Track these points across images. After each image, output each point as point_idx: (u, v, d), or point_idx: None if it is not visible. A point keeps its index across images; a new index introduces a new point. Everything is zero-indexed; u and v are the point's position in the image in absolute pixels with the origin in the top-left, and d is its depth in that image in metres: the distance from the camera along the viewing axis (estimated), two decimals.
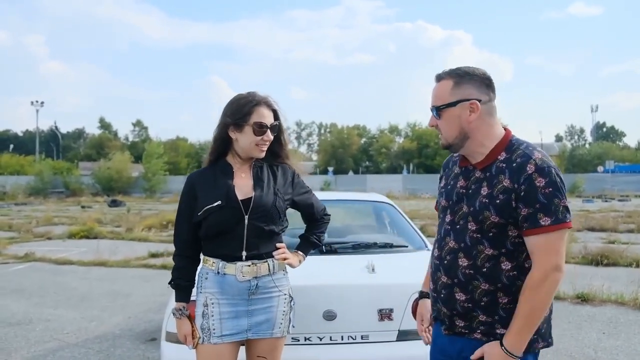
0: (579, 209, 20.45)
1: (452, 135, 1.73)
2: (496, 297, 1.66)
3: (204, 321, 2.09)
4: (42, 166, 43.50)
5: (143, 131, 73.29)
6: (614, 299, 5.84)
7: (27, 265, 8.81)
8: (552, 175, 1.60)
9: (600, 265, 8.02)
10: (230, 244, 2.10)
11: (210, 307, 2.09)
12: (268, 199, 2.13)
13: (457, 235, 1.73)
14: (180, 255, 2.18)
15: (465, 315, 1.71)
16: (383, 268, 2.86)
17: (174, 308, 2.17)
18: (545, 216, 1.58)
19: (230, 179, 2.14)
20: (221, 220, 2.08)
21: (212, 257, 2.12)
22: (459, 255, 1.71)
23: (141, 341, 4.65)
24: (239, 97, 2.16)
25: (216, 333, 2.08)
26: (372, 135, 74.82)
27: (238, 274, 2.08)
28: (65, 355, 4.33)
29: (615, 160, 52.25)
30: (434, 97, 1.76)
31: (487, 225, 1.65)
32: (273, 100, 2.19)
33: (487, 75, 1.73)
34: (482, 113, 1.69)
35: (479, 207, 1.66)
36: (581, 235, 11.23)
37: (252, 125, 2.10)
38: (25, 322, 5.33)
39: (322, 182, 40.85)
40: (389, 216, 4.09)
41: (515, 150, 1.68)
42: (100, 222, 15.53)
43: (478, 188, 1.69)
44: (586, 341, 4.56)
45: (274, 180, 2.20)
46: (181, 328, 2.15)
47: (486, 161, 1.70)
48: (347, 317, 2.60)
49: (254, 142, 2.12)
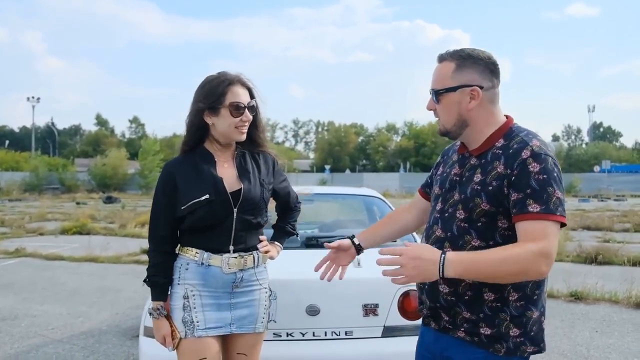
0: (575, 208, 20.46)
1: (449, 121, 1.63)
2: (481, 293, 1.55)
3: (186, 314, 1.96)
4: (38, 162, 43.31)
5: (140, 128, 73.24)
6: (608, 298, 5.81)
7: (18, 261, 8.71)
8: (549, 164, 1.49)
9: (594, 263, 7.99)
10: (217, 238, 1.98)
11: (191, 299, 1.97)
12: (256, 191, 2.03)
13: (444, 224, 1.64)
14: (157, 250, 2.02)
15: (449, 310, 1.62)
16: (369, 262, 2.77)
17: (151, 307, 2.02)
18: (535, 203, 1.46)
19: (214, 168, 2.01)
20: (210, 214, 1.95)
21: (195, 247, 2.00)
22: (444, 245, 1.61)
23: (127, 337, 4.58)
24: (210, 78, 2.01)
25: (200, 326, 1.96)
26: (370, 133, 74.86)
27: (224, 266, 1.98)
28: (49, 351, 4.25)
29: (612, 160, 52.37)
30: (434, 80, 1.65)
31: (477, 213, 1.55)
32: (246, 78, 2.04)
33: (492, 60, 1.62)
34: (483, 100, 1.59)
35: (470, 194, 1.57)
36: (576, 234, 11.21)
37: (228, 106, 1.96)
38: (10, 317, 5.25)
39: (319, 180, 40.79)
40: (380, 211, 4.03)
41: (515, 137, 1.58)
42: (94, 219, 15.41)
43: (471, 175, 1.60)
44: (579, 339, 4.51)
45: (258, 170, 2.09)
46: (160, 329, 1.99)
47: (482, 148, 1.61)
48: (331, 312, 2.54)
49: (232, 125, 1.98)
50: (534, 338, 1.57)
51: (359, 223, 4.09)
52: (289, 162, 63.88)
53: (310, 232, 3.85)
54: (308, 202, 4.41)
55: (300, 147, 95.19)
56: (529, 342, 1.56)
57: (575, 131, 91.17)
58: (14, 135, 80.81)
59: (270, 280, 2.54)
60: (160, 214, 2.01)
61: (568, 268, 7.40)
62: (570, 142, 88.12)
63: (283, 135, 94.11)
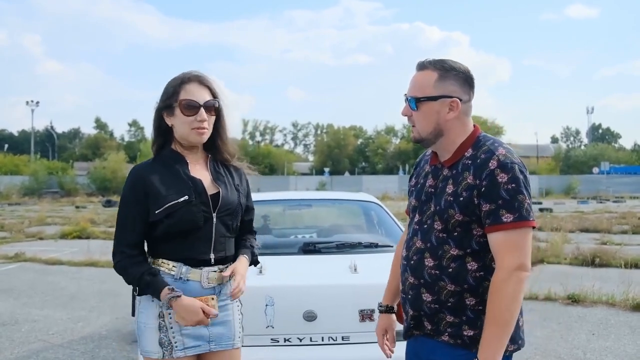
0: (573, 210, 20.49)
1: (426, 130, 1.68)
2: (463, 299, 1.61)
3: (162, 335, 1.84)
4: (37, 166, 43.37)
5: (139, 131, 73.12)
6: (605, 300, 5.82)
7: (17, 266, 8.73)
8: (515, 172, 1.55)
9: (592, 266, 8.00)
10: (195, 245, 1.86)
11: (167, 317, 1.84)
12: (233, 195, 1.94)
13: (423, 235, 1.69)
14: (129, 256, 1.83)
15: (432, 317, 1.67)
16: (366, 268, 2.83)
17: (167, 296, 1.79)
18: (508, 212, 1.53)
19: (187, 169, 1.88)
20: (188, 217, 1.82)
21: (171, 260, 1.85)
22: (425, 256, 1.67)
23: (127, 342, 4.60)
24: (171, 79, 1.92)
25: (178, 346, 1.84)
26: (369, 136, 74.86)
27: (203, 281, 1.86)
28: (49, 356, 4.28)
29: (611, 161, 52.37)
30: (413, 87, 1.69)
31: (452, 224, 1.61)
32: (208, 77, 1.92)
33: (470, 74, 1.69)
34: (460, 112, 1.65)
35: (444, 206, 1.63)
36: (574, 236, 11.22)
37: (179, 104, 1.85)
38: (11, 322, 5.27)
39: (318, 183, 40.84)
40: (377, 216, 4.07)
41: (482, 146, 1.64)
42: (94, 222, 15.44)
43: (444, 186, 1.66)
44: (575, 342, 4.54)
45: (231, 176, 1.99)
46: (190, 306, 1.79)
47: (453, 159, 1.67)
48: (328, 317, 2.57)
49: (187, 125, 1.85)
50: (513, 337, 1.61)
51: (357, 228, 4.13)
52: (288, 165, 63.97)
53: (308, 238, 3.88)
54: (306, 207, 4.45)
55: (300, 150, 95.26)
56: (510, 341, 1.59)
57: (574, 133, 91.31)
58: (13, 139, 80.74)
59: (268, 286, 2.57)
60: (130, 221, 1.85)
61: (565, 270, 7.43)
62: (569, 143, 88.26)
63: (282, 137, 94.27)
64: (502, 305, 1.52)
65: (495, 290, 1.53)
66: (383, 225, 3.87)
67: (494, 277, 1.55)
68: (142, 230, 1.86)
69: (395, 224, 3.73)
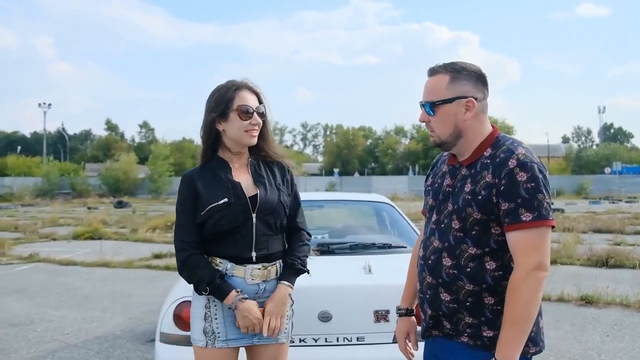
0: (585, 211, 20.32)
1: (445, 132, 1.68)
2: (481, 298, 1.61)
3: (207, 324, 1.97)
4: (49, 167, 43.79)
5: (149, 133, 73.57)
6: (619, 301, 5.77)
7: (31, 266, 8.83)
8: (535, 171, 1.56)
9: (605, 266, 7.94)
10: (238, 244, 1.99)
11: (212, 309, 1.98)
12: (273, 195, 2.04)
13: (441, 235, 1.69)
14: (193, 254, 1.97)
15: (451, 317, 1.66)
16: (380, 269, 2.83)
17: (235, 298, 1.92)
18: (527, 212, 1.53)
19: (230, 174, 2.03)
20: (229, 218, 1.95)
21: (218, 257, 2.00)
22: (442, 255, 1.67)
23: (141, 342, 4.64)
24: (218, 86, 2.05)
25: (221, 337, 1.96)
26: (378, 136, 74.77)
27: (247, 277, 1.98)
28: (65, 356, 4.33)
29: (623, 161, 51.78)
30: (427, 92, 1.70)
31: (470, 222, 1.61)
32: (254, 84, 2.07)
33: (482, 72, 1.69)
34: (477, 111, 1.66)
35: (462, 204, 1.63)
36: (587, 237, 11.14)
37: (236, 110, 1.99)
38: (26, 322, 5.33)
39: (328, 184, 40.82)
40: (389, 217, 4.07)
41: (501, 146, 1.64)
42: (106, 223, 15.55)
43: (462, 185, 1.66)
44: (589, 344, 4.50)
45: (273, 176, 2.10)
46: (251, 309, 1.93)
47: (472, 158, 1.67)
48: (343, 318, 2.57)
49: (242, 128, 1.99)
50: (534, 338, 1.61)
51: (370, 229, 4.13)
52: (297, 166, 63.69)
53: (320, 238, 3.89)
54: (318, 208, 4.46)
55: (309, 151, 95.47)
56: (531, 342, 1.59)
57: (586, 132, 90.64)
58: (25, 140, 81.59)
59: None
60: (188, 222, 2.00)
61: (579, 271, 7.38)
62: (581, 143, 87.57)
63: (291, 138, 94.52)
64: (520, 305, 1.52)
65: (513, 290, 1.53)
66: (396, 226, 3.87)
67: (512, 276, 1.55)
68: (197, 230, 2.00)
69: (409, 225, 3.73)
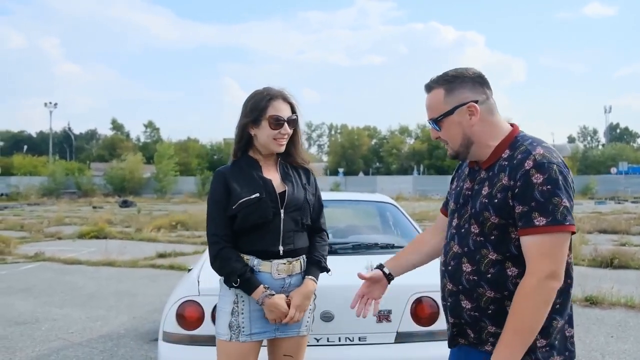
0: (591, 211, 20.22)
1: (456, 143, 1.65)
2: (503, 306, 1.54)
3: (233, 318, 2.07)
4: (55, 167, 44.00)
5: (155, 132, 73.69)
6: (624, 302, 5.76)
7: (37, 265, 8.88)
8: (553, 172, 1.47)
9: (610, 267, 7.91)
10: (266, 238, 2.08)
11: (240, 304, 2.08)
12: (300, 193, 2.16)
13: (461, 240, 1.64)
14: (225, 247, 2.06)
15: (474, 325, 1.60)
16: None
17: (262, 294, 2.03)
18: (541, 216, 1.45)
19: (261, 172, 2.14)
20: (259, 212, 2.05)
21: (245, 253, 2.09)
22: (462, 261, 1.62)
23: (145, 341, 4.66)
24: (255, 93, 2.16)
25: (245, 331, 2.06)
26: (383, 136, 74.61)
27: (274, 272, 2.08)
28: (69, 354, 4.35)
29: (629, 162, 51.47)
30: (428, 110, 1.68)
31: (488, 227, 1.55)
32: (289, 94, 2.18)
33: (478, 73, 1.64)
34: (482, 114, 1.61)
35: (479, 208, 1.57)
36: (592, 237, 11.10)
37: (268, 119, 2.09)
38: (31, 321, 5.36)
39: (332, 184, 40.79)
40: (393, 217, 4.06)
41: (519, 146, 1.57)
42: (111, 223, 15.62)
43: (480, 188, 1.61)
44: (594, 345, 4.49)
45: (299, 177, 2.22)
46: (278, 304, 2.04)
47: (490, 160, 1.62)
48: (345, 318, 2.57)
49: (271, 136, 2.11)
50: (559, 348, 1.56)
51: (373, 229, 4.13)
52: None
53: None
54: None
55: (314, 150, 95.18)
56: (556, 352, 1.54)
57: (592, 132, 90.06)
58: (31, 140, 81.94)
59: None
60: (220, 216, 2.09)
61: (583, 272, 7.35)
62: (587, 143, 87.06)
63: None
64: (527, 313, 1.46)
65: (522, 296, 1.47)
66: (399, 226, 3.87)
67: (523, 282, 1.48)
68: (229, 224, 2.09)
69: (412, 225, 3.72)
